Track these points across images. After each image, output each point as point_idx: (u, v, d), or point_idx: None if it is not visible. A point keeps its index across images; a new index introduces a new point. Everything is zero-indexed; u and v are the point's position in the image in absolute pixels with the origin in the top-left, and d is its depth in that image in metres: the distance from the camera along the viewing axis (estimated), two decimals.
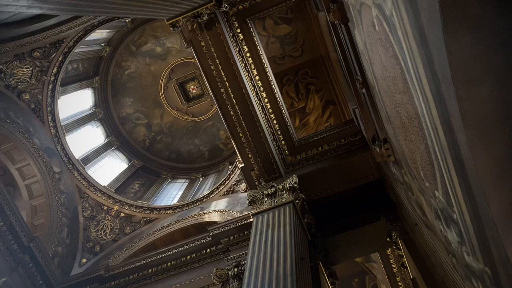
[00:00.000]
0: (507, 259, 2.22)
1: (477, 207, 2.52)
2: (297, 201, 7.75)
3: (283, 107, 9.29)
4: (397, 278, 8.51)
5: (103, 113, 16.75)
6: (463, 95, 2.12)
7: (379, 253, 8.48)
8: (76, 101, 15.17)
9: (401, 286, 8.51)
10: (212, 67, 8.41)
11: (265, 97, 8.94)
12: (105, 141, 16.51)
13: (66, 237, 11.18)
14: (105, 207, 12.71)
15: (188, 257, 9.27)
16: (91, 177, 12.94)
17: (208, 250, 9.22)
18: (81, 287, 9.62)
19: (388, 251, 8.33)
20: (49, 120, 11.89)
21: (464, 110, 2.14)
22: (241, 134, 8.81)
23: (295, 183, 8.22)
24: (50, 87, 11.85)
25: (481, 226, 2.58)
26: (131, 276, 9.47)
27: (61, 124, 12.55)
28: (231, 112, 8.66)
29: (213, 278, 7.76)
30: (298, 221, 7.27)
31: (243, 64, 8.67)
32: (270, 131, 8.99)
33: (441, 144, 2.81)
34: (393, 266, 8.45)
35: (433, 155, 3.19)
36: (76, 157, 12.87)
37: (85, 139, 15.02)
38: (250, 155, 8.90)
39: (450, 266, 4.12)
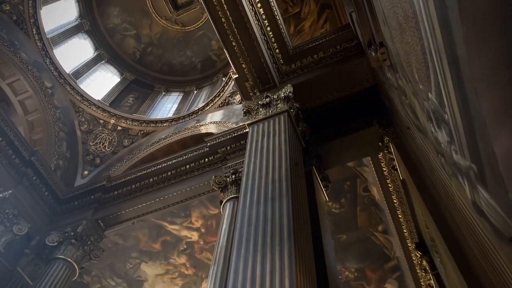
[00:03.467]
0: (493, 153, 2.31)
1: (469, 106, 2.56)
2: (291, 110, 7.81)
3: (277, 12, 8.90)
4: (388, 180, 8.92)
5: (89, 24, 16.06)
6: None
7: (371, 157, 8.76)
8: (60, 12, 14.44)
9: (391, 187, 8.96)
10: None
11: (258, 2, 8.51)
12: (95, 54, 16.08)
13: (65, 151, 11.42)
14: (101, 121, 12.80)
15: (187, 166, 9.58)
16: (84, 91, 12.84)
17: (206, 159, 9.50)
18: (85, 197, 10.07)
19: (379, 155, 8.60)
20: (34, 32, 11.42)
21: (462, 4, 2.07)
22: (233, 43, 8.54)
23: (289, 92, 8.21)
24: None
25: (471, 125, 2.64)
26: (133, 186, 9.87)
27: (47, 36, 12.10)
28: (223, 19, 8.29)
29: (212, 185, 8.11)
30: (292, 129, 7.40)
31: None
32: (264, 39, 8.71)
33: (437, 44, 2.76)
34: (384, 169, 8.80)
35: (428, 56, 3.15)
36: (67, 71, 12.62)
37: (74, 53, 14.62)
38: (244, 65, 8.72)
39: (439, 165, 4.29)
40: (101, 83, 15.13)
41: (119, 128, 13.00)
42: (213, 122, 11.99)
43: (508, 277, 3.10)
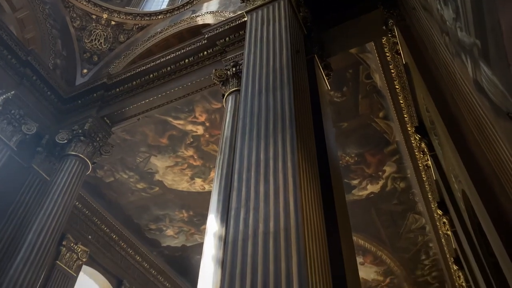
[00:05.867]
0: (498, 26, 2.24)
1: None
2: None
3: None
4: (390, 66, 8.78)
5: None
6: None
7: (374, 42, 8.51)
8: None
9: (393, 72, 8.86)
10: None
11: None
12: None
13: (61, 49, 11.16)
14: (93, 16, 12.25)
15: (187, 60, 9.40)
16: None
17: (205, 52, 9.27)
18: (88, 95, 10.10)
19: (383, 40, 8.37)
20: None
21: None
22: None
23: None
24: None
25: None
26: (134, 82, 9.82)
27: None
28: None
29: (213, 79, 8.05)
30: (293, 15, 7.10)
31: None
32: None
33: None
34: (387, 54, 8.62)
35: None
36: None
37: None
38: None
39: (442, 45, 4.20)
40: None
41: (112, 23, 12.48)
42: (209, 12, 11.45)
43: (503, 151, 3.23)
